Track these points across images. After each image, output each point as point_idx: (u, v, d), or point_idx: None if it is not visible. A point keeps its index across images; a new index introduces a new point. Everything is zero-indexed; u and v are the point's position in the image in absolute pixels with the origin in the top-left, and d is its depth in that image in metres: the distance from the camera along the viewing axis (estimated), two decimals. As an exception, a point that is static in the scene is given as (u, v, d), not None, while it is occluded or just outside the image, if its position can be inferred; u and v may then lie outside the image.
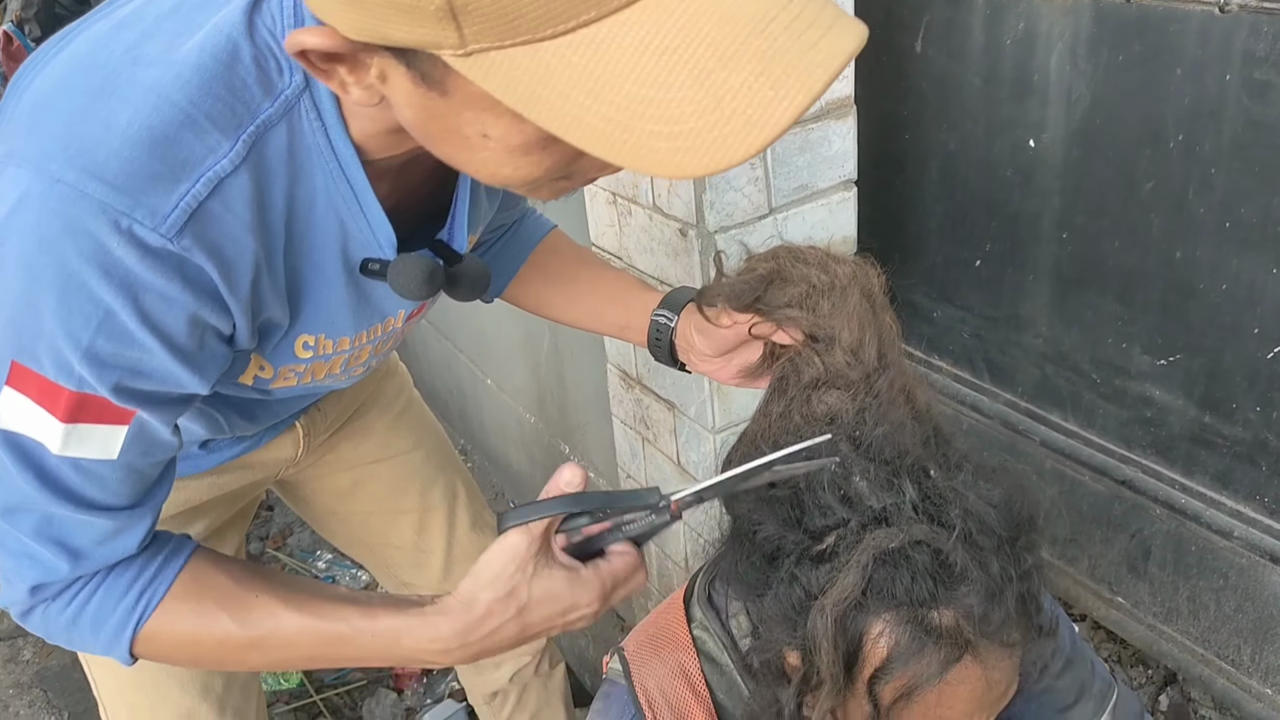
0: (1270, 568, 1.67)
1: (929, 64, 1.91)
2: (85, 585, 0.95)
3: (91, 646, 0.97)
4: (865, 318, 0.97)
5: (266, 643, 0.97)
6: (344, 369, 1.12)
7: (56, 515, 0.90)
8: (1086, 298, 1.81)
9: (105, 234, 0.78)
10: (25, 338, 0.81)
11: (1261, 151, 1.45)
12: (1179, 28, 1.49)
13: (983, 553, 0.82)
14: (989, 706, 0.85)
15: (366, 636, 0.95)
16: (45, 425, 0.85)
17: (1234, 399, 1.64)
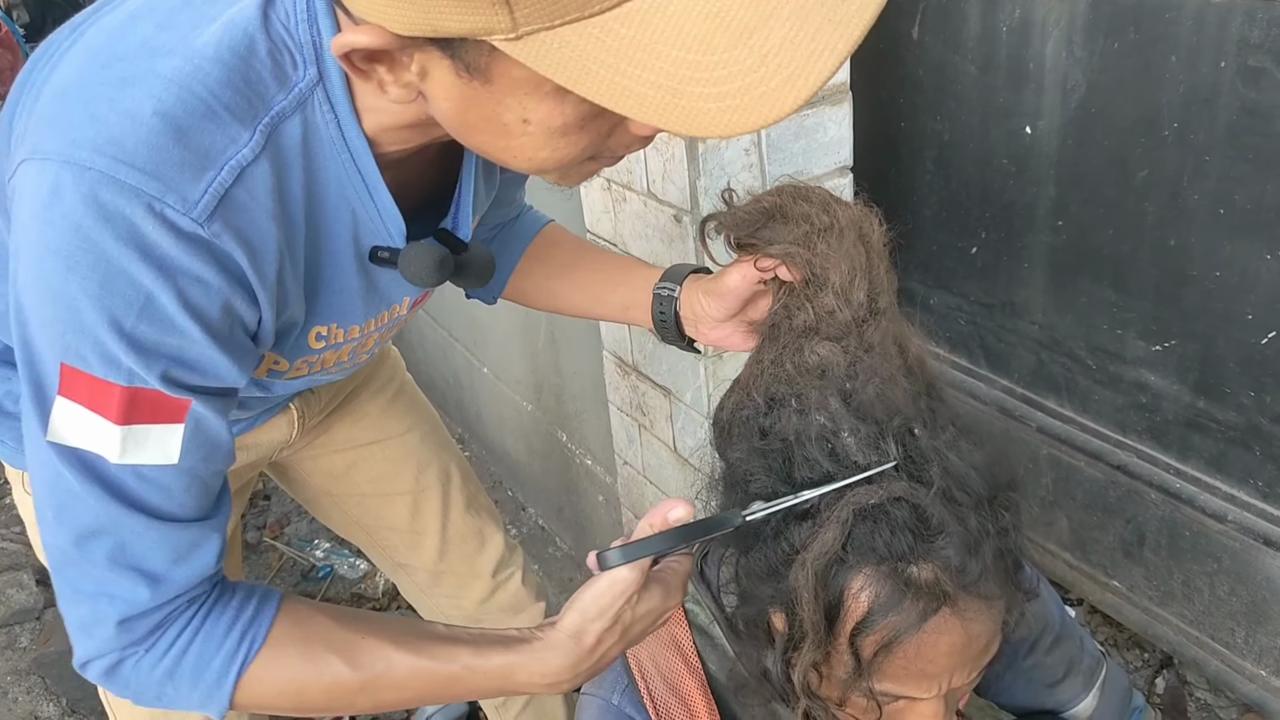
0: (1263, 551, 1.68)
1: (926, 51, 1.91)
2: (181, 631, 0.92)
3: (187, 700, 0.93)
4: (858, 260, 0.97)
5: (377, 684, 0.95)
6: (351, 356, 1.13)
7: (129, 537, 0.87)
8: (1082, 284, 1.82)
9: (140, 218, 0.79)
10: (70, 335, 0.81)
11: (1255, 138, 1.46)
12: (1174, 15, 1.50)
13: (960, 508, 0.83)
14: (970, 661, 0.86)
15: (479, 676, 0.94)
16: (102, 432, 0.84)
17: (1227, 384, 1.65)
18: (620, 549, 0.89)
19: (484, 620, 1.78)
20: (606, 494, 2.49)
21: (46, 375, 0.84)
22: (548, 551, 2.95)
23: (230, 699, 0.92)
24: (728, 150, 1.60)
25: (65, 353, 0.82)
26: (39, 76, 0.87)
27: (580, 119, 0.76)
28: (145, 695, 0.93)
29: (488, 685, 0.95)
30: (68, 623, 0.92)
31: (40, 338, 0.83)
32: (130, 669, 0.91)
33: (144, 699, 0.94)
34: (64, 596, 0.91)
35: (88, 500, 0.85)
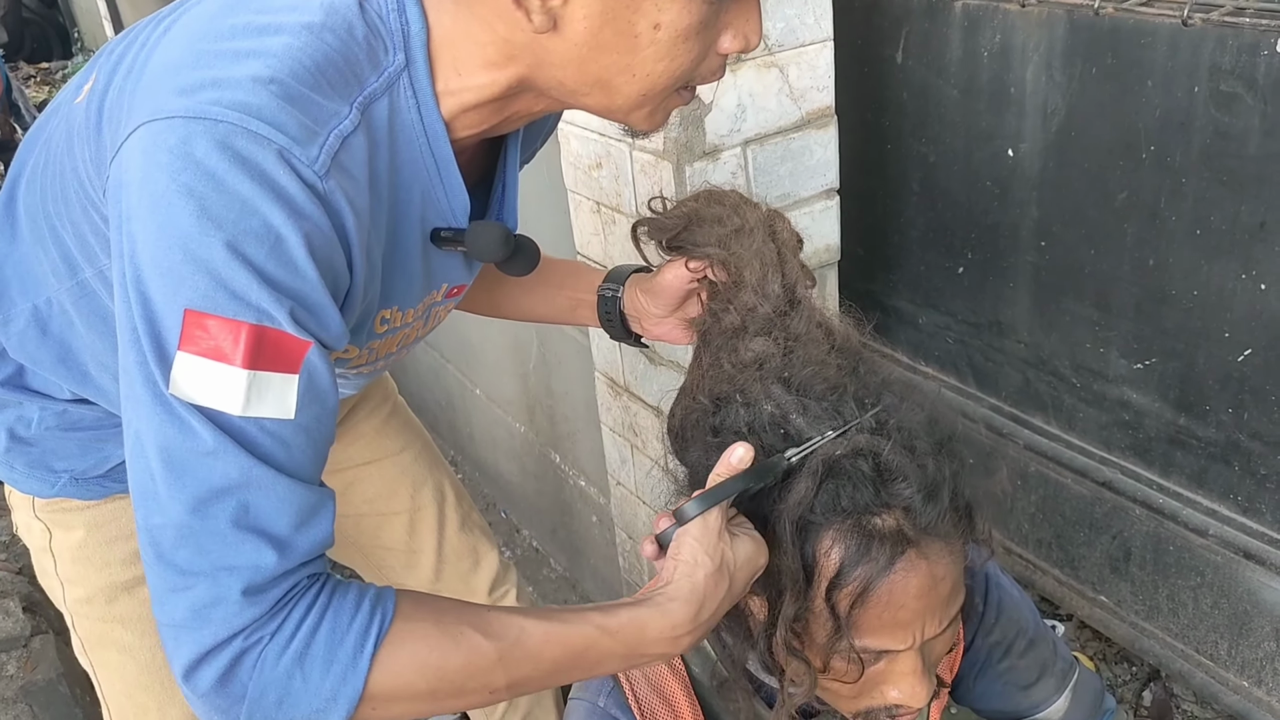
0: (1244, 564, 1.71)
1: (909, 75, 1.95)
2: (310, 607, 0.84)
3: (316, 692, 0.83)
4: (769, 257, 1.04)
5: (513, 655, 0.88)
6: (399, 348, 1.18)
7: (255, 495, 0.82)
8: (1065, 304, 1.85)
9: (271, 164, 0.83)
10: (199, 278, 0.81)
11: (1229, 161, 1.50)
12: (1149, 41, 1.54)
13: (918, 455, 0.89)
14: (938, 606, 0.91)
15: (610, 637, 0.90)
16: (226, 383, 0.82)
17: (1207, 401, 1.68)
18: (699, 496, 0.91)
19: None
20: (600, 514, 2.51)
21: (166, 330, 0.82)
22: (542, 573, 2.96)
23: (365, 680, 0.84)
24: (715, 174, 1.64)
25: (192, 297, 0.82)
26: (132, 61, 0.93)
27: (701, 22, 0.88)
28: (266, 699, 0.83)
29: (618, 648, 0.91)
30: (170, 621, 0.84)
31: (161, 289, 0.82)
32: (254, 662, 0.82)
33: (263, 706, 0.83)
34: (169, 587, 0.83)
35: (214, 455, 0.82)
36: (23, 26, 8.16)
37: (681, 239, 1.13)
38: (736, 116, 1.62)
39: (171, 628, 0.84)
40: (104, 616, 1.38)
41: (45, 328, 1.15)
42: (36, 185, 1.10)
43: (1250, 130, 1.46)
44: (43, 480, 1.29)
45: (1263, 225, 1.49)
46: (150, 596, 0.85)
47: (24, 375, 1.22)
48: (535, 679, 0.91)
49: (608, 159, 1.74)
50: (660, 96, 0.95)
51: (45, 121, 1.14)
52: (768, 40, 1.60)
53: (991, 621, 1.14)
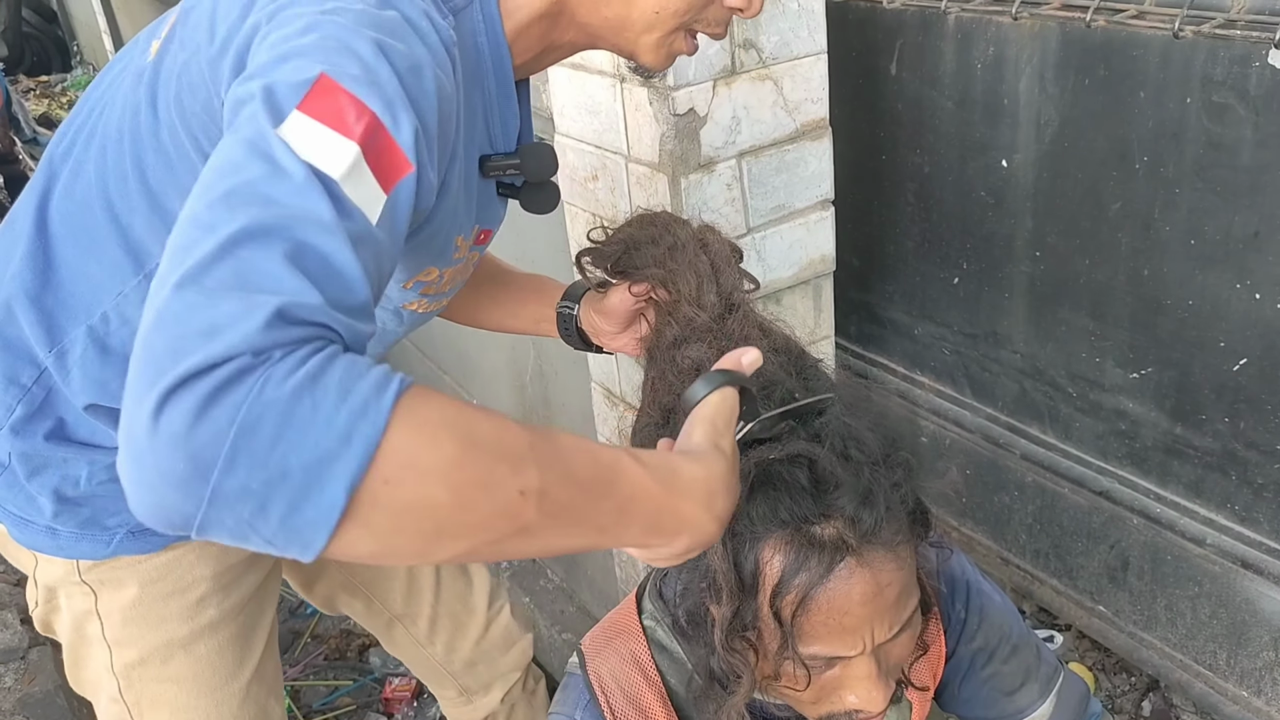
0: (1241, 573, 1.71)
1: (903, 87, 1.95)
2: (330, 348, 0.69)
3: (330, 420, 0.65)
4: (703, 269, 1.09)
5: (544, 448, 0.74)
6: (450, 288, 1.21)
7: (320, 242, 0.72)
8: (1060, 314, 1.85)
9: (417, 15, 0.89)
10: (342, 56, 0.82)
11: (1222, 172, 1.50)
12: (1141, 53, 1.54)
13: (855, 464, 0.90)
14: (886, 610, 0.91)
15: (641, 468, 0.79)
16: (337, 149, 0.77)
17: (1203, 410, 1.68)
18: (712, 373, 0.89)
19: (479, 662, 1.79)
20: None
21: (289, 90, 0.78)
22: (539, 584, 2.96)
23: (389, 416, 0.67)
24: (710, 185, 1.64)
25: (332, 67, 0.80)
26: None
27: None
28: (259, 431, 0.64)
29: (653, 487, 0.79)
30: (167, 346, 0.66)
31: (298, 58, 0.81)
32: (257, 379, 0.64)
33: (253, 444, 0.63)
34: (184, 307, 0.67)
35: (300, 192, 0.73)
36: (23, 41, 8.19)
37: (623, 264, 1.19)
38: (731, 129, 1.62)
39: (163, 353, 0.65)
40: (159, 677, 1.32)
41: (105, 346, 1.10)
42: (85, 183, 1.08)
43: (1242, 141, 1.47)
44: (96, 540, 1.22)
45: (1256, 235, 1.50)
46: (144, 326, 0.68)
47: (66, 428, 1.16)
48: (566, 492, 0.75)
49: (604, 171, 1.75)
50: (672, 22, 1.03)
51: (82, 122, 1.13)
52: (762, 53, 1.60)
53: (974, 628, 1.14)
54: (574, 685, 1.09)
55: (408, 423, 0.67)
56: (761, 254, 1.75)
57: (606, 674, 1.07)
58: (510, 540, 0.73)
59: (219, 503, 0.63)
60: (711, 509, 0.81)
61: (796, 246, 1.79)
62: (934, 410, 2.20)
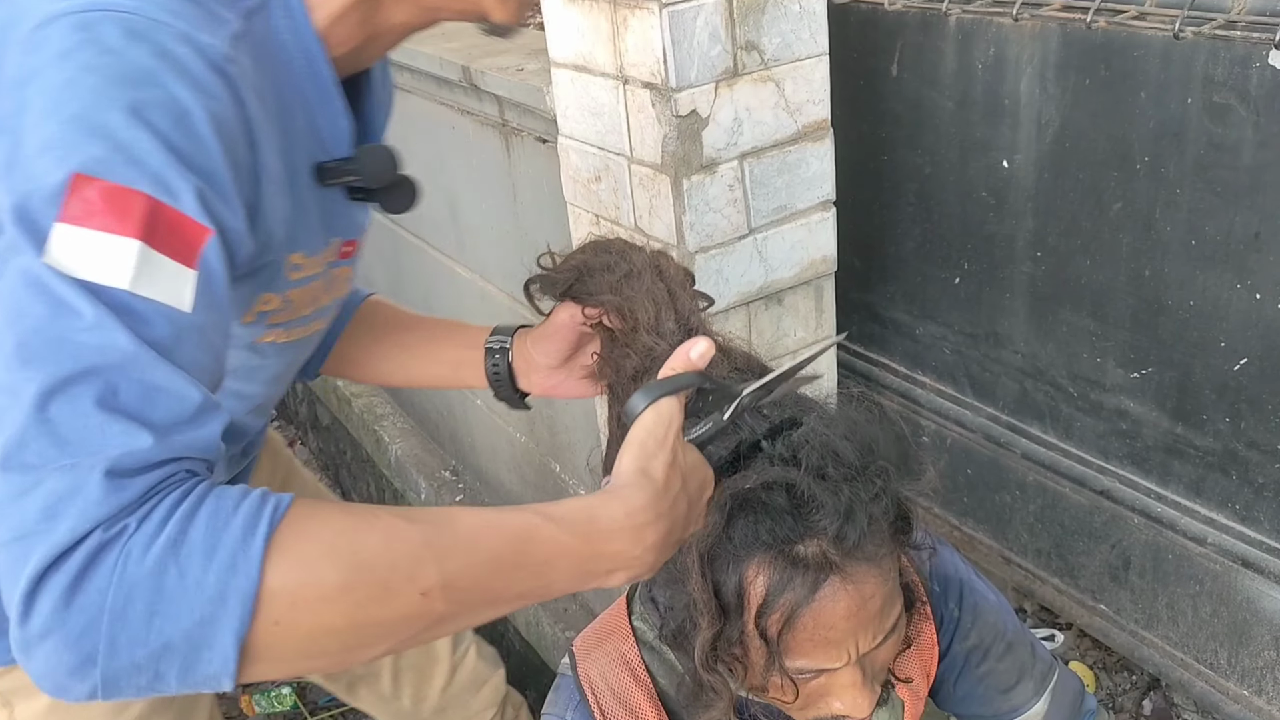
0: (1242, 572, 1.71)
1: (904, 88, 1.96)
2: (187, 495, 0.67)
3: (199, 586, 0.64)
4: (660, 295, 1.05)
5: (442, 540, 0.73)
6: (313, 313, 1.09)
7: (128, 377, 0.68)
8: (1061, 314, 1.86)
9: (174, 43, 0.77)
10: (94, 143, 0.72)
11: (1223, 172, 1.51)
12: (1141, 53, 1.55)
13: (833, 482, 0.89)
14: (870, 621, 0.92)
15: (555, 526, 0.77)
16: (115, 253, 0.71)
17: (1204, 410, 1.69)
18: (650, 385, 0.86)
19: (449, 708, 1.74)
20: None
21: (43, 200, 0.71)
22: (542, 582, 2.96)
23: (261, 567, 0.65)
24: (712, 186, 1.65)
25: (83, 160, 0.72)
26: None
27: None
28: (132, 610, 0.63)
29: (568, 538, 0.78)
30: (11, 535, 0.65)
31: (43, 160, 0.72)
32: (115, 559, 0.63)
33: (129, 622, 0.63)
34: (12, 493, 0.65)
35: (92, 330, 0.69)
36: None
37: (574, 290, 1.14)
38: (733, 130, 1.63)
39: (12, 544, 0.64)
40: None
41: None
42: None
43: (1243, 141, 1.47)
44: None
45: (1257, 235, 1.50)
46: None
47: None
48: (473, 579, 0.74)
49: (606, 173, 1.75)
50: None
51: None
52: (764, 55, 1.61)
53: (968, 626, 1.15)
54: (565, 686, 1.10)
55: (284, 563, 0.66)
56: (763, 255, 1.75)
57: (596, 675, 1.08)
58: (430, 631, 0.74)
59: (114, 681, 0.64)
60: (640, 542, 0.80)
61: (798, 247, 1.80)
62: (935, 410, 2.21)
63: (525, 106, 1.99)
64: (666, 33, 1.49)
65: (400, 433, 3.63)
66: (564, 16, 1.68)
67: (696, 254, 1.67)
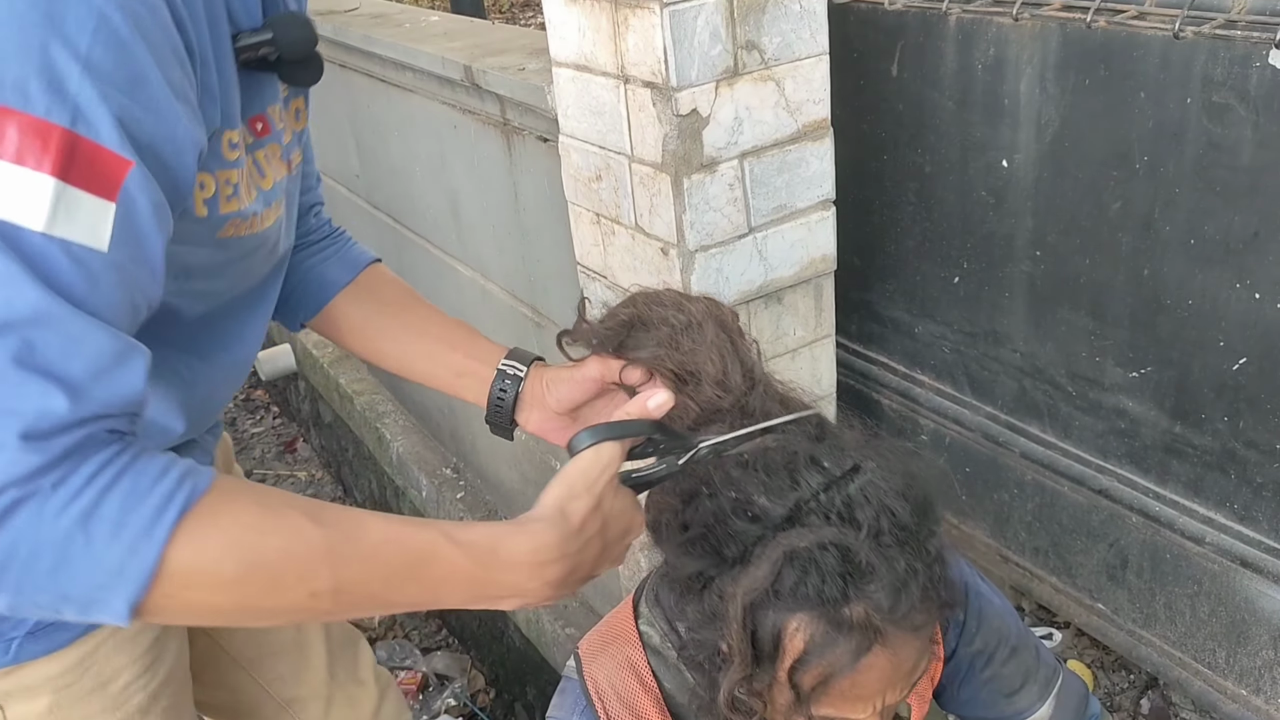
0: (1241, 572, 1.72)
1: (905, 87, 1.96)
2: (107, 463, 0.71)
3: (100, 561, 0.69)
4: (724, 347, 1.01)
5: (344, 550, 0.76)
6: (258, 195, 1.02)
7: (43, 332, 0.69)
8: (1060, 313, 1.86)
9: None
10: (5, 63, 0.68)
11: (1222, 172, 1.51)
12: (1141, 53, 1.55)
13: (889, 549, 0.88)
14: (899, 682, 0.92)
15: (459, 550, 0.79)
16: (28, 190, 0.68)
17: (1202, 409, 1.69)
18: (598, 425, 0.86)
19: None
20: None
21: None
22: (542, 580, 2.97)
23: (161, 553, 0.70)
24: (712, 185, 1.65)
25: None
26: None
27: None
28: (38, 564, 0.69)
29: (465, 564, 0.80)
30: None
31: None
32: (31, 513, 0.68)
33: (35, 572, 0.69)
34: None
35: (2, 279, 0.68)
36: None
37: (623, 349, 1.08)
38: (733, 129, 1.63)
39: None
40: None
41: None
42: None
43: (1243, 141, 1.47)
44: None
45: (1256, 235, 1.51)
46: None
47: None
48: (365, 587, 0.78)
49: (607, 171, 1.76)
50: None
51: None
52: (764, 54, 1.61)
53: (973, 631, 1.15)
54: (571, 690, 1.10)
55: (186, 549, 0.71)
56: (763, 254, 1.76)
57: (603, 679, 1.07)
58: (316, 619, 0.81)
59: (18, 609, 0.71)
60: (539, 578, 0.83)
61: (798, 246, 1.80)
62: (934, 409, 2.21)
63: (527, 106, 2.00)
64: (667, 32, 1.49)
65: (402, 430, 3.64)
66: (565, 16, 1.69)
67: (696, 253, 1.68)
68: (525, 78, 1.97)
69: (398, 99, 2.63)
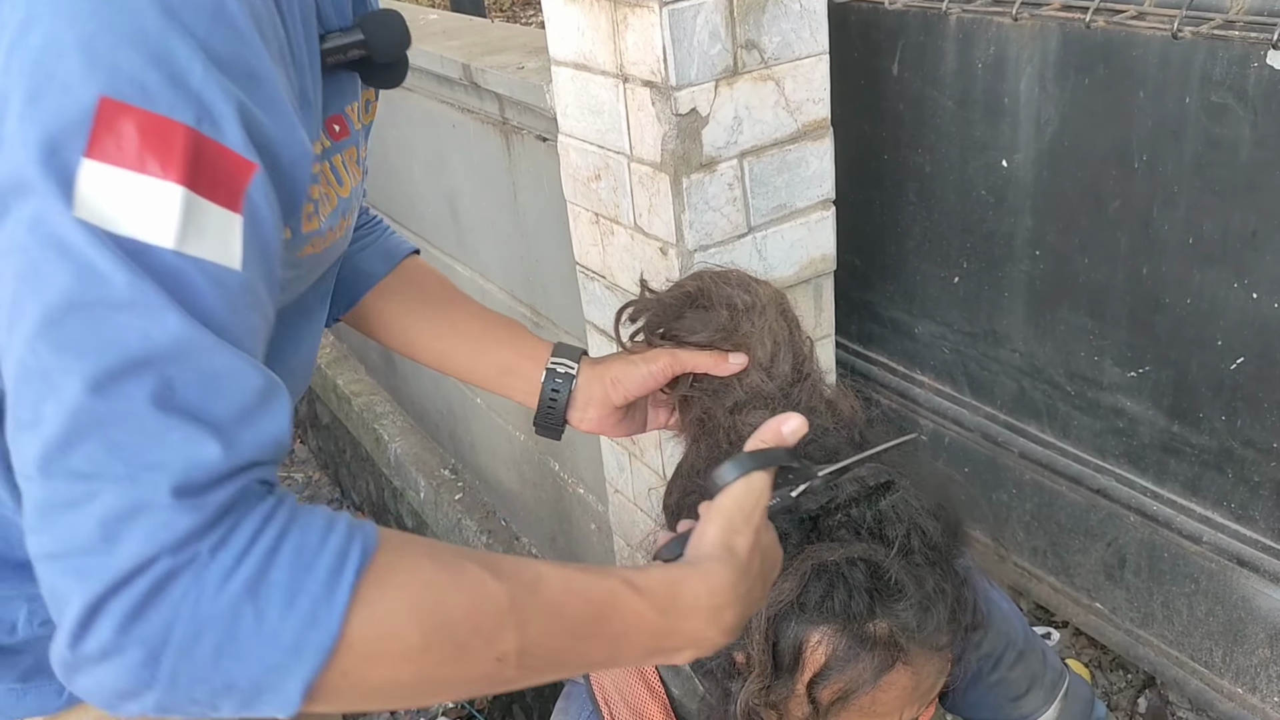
0: (1238, 571, 1.72)
1: (905, 86, 1.96)
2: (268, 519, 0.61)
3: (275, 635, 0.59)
4: (780, 334, 1.00)
5: (528, 603, 0.68)
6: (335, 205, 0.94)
7: (184, 367, 0.59)
8: (1059, 313, 1.86)
9: None
10: (123, 52, 0.59)
11: (1220, 171, 1.51)
12: (1140, 52, 1.55)
13: (919, 568, 0.88)
14: (918, 700, 0.92)
15: (638, 597, 0.72)
16: (154, 199, 0.60)
17: (1200, 409, 1.69)
18: (742, 456, 0.81)
19: None
20: (599, 522, 2.52)
21: (67, 129, 0.59)
22: (540, 580, 2.97)
23: (343, 621, 0.60)
24: (712, 185, 1.65)
25: (111, 80, 0.59)
26: None
27: None
28: (200, 647, 0.58)
29: (649, 612, 0.73)
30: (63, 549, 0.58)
31: (63, 75, 0.59)
32: (189, 585, 0.57)
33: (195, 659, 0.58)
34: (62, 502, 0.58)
35: (132, 309, 0.58)
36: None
37: (679, 325, 1.04)
38: (733, 129, 1.63)
39: (64, 559, 0.58)
40: None
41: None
42: None
43: (1241, 140, 1.48)
44: (44, 692, 0.98)
45: (1254, 234, 1.51)
46: (28, 522, 0.59)
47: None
48: (549, 645, 0.70)
49: (606, 171, 1.76)
50: None
51: None
52: (764, 54, 1.61)
53: (980, 635, 1.15)
54: (577, 695, 1.09)
55: (368, 616, 0.61)
56: (763, 253, 1.76)
57: (610, 685, 1.07)
58: (492, 690, 0.70)
59: (167, 709, 0.59)
60: (718, 623, 0.76)
61: (797, 246, 1.80)
62: (933, 409, 2.21)
63: (525, 105, 2.00)
64: (666, 31, 1.49)
65: (400, 431, 3.64)
66: (564, 14, 1.69)
67: (696, 252, 1.68)
68: (524, 76, 1.97)
69: (396, 98, 2.63)
